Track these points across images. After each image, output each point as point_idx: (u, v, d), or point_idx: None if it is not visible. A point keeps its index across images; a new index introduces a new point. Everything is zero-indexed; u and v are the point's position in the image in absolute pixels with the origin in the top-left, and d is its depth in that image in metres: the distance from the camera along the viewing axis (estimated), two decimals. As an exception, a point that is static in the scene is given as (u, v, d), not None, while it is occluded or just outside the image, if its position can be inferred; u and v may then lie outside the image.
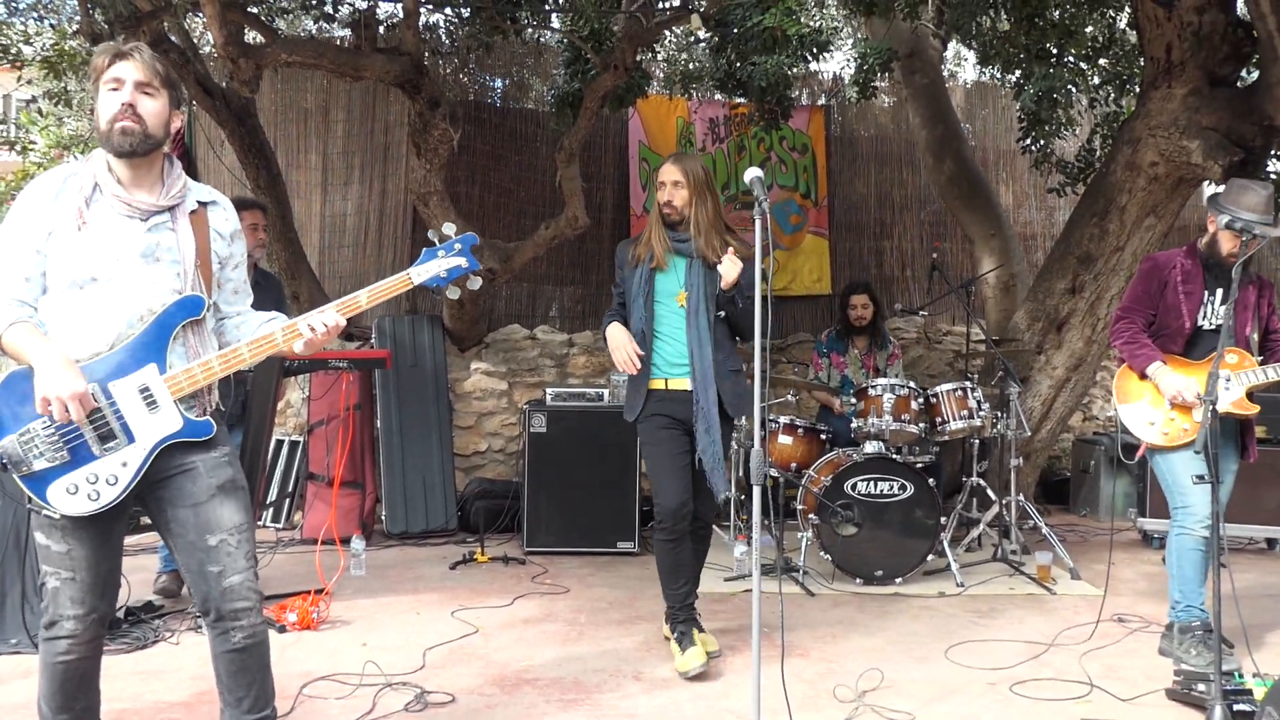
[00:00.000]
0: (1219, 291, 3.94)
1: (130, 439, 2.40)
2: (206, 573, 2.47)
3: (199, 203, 2.57)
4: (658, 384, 3.84)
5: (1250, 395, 3.88)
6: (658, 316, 3.84)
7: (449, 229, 2.76)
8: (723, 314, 3.79)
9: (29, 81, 6.83)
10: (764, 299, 2.91)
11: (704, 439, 3.74)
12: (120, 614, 4.06)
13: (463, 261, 2.73)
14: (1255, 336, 3.98)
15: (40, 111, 7.66)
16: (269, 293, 4.60)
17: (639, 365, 3.76)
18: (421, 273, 2.71)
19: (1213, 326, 3.94)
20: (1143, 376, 3.97)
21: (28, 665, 3.63)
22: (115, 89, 2.42)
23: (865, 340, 6.21)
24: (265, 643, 2.57)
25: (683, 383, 3.80)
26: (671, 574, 3.84)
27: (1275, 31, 4.95)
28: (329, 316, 2.57)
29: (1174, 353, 3.98)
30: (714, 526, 5.85)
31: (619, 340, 3.79)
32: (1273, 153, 5.48)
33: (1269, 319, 4.03)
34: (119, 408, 2.39)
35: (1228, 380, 3.81)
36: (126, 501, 2.45)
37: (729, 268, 3.66)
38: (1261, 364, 3.88)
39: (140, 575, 4.78)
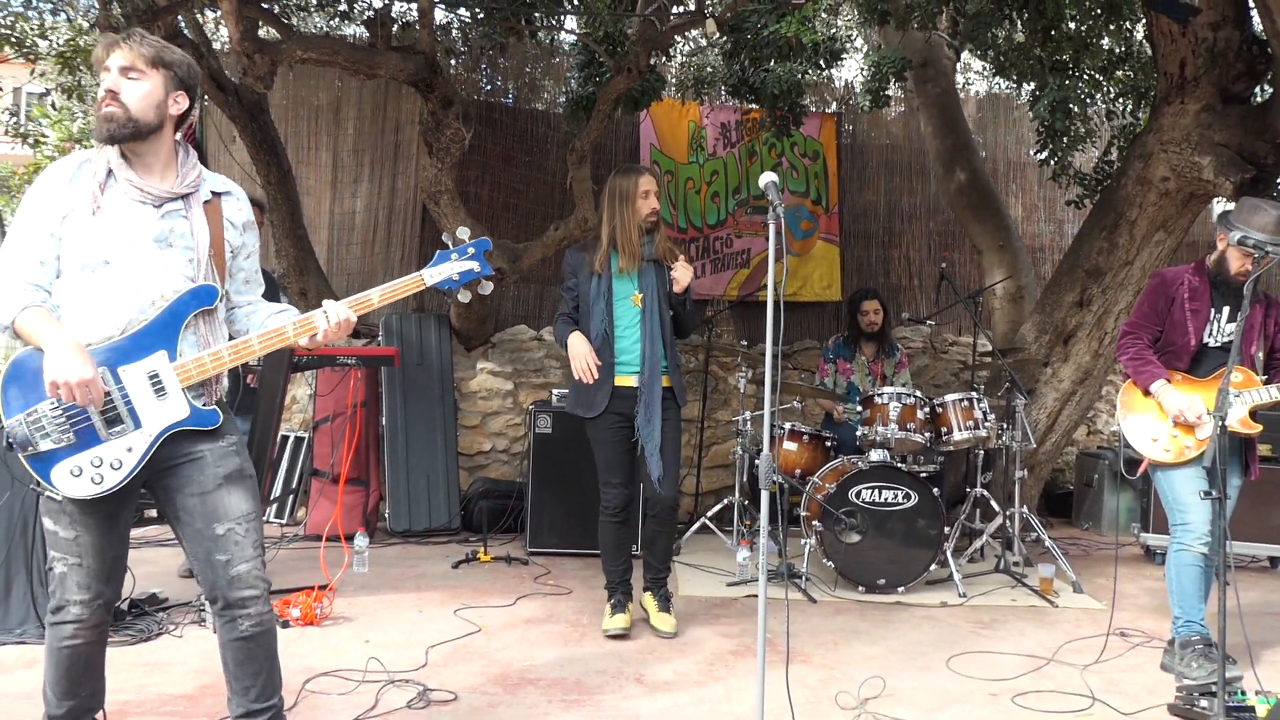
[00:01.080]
0: (1225, 309, 3.94)
1: (137, 424, 2.41)
2: (214, 561, 2.49)
3: (213, 193, 2.59)
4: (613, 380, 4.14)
5: (1253, 414, 3.88)
6: (616, 317, 4.14)
7: (463, 233, 2.80)
8: (671, 313, 4.20)
9: (42, 74, 6.85)
10: (775, 305, 2.91)
11: (645, 429, 4.07)
12: (124, 606, 4.08)
13: (475, 265, 2.78)
14: (1260, 355, 3.98)
15: (54, 105, 7.68)
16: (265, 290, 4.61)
17: (596, 375, 4.07)
18: (434, 274, 2.75)
19: (1218, 344, 3.95)
20: (1146, 393, 3.98)
21: (32, 655, 3.64)
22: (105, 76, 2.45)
23: (873, 347, 6.21)
24: (273, 631, 2.58)
25: (628, 380, 4.11)
26: (615, 553, 4.28)
27: (1289, 49, 4.95)
28: (341, 311, 2.58)
29: (1179, 369, 3.98)
30: (717, 532, 5.90)
31: (580, 351, 4.09)
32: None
33: (1275, 337, 4.03)
34: (127, 393, 2.40)
35: (1234, 398, 3.81)
36: (134, 489, 2.47)
37: (683, 273, 4.10)
38: (1266, 383, 3.88)
39: (144, 568, 4.80)
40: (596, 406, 4.10)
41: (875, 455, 5.10)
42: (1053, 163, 6.43)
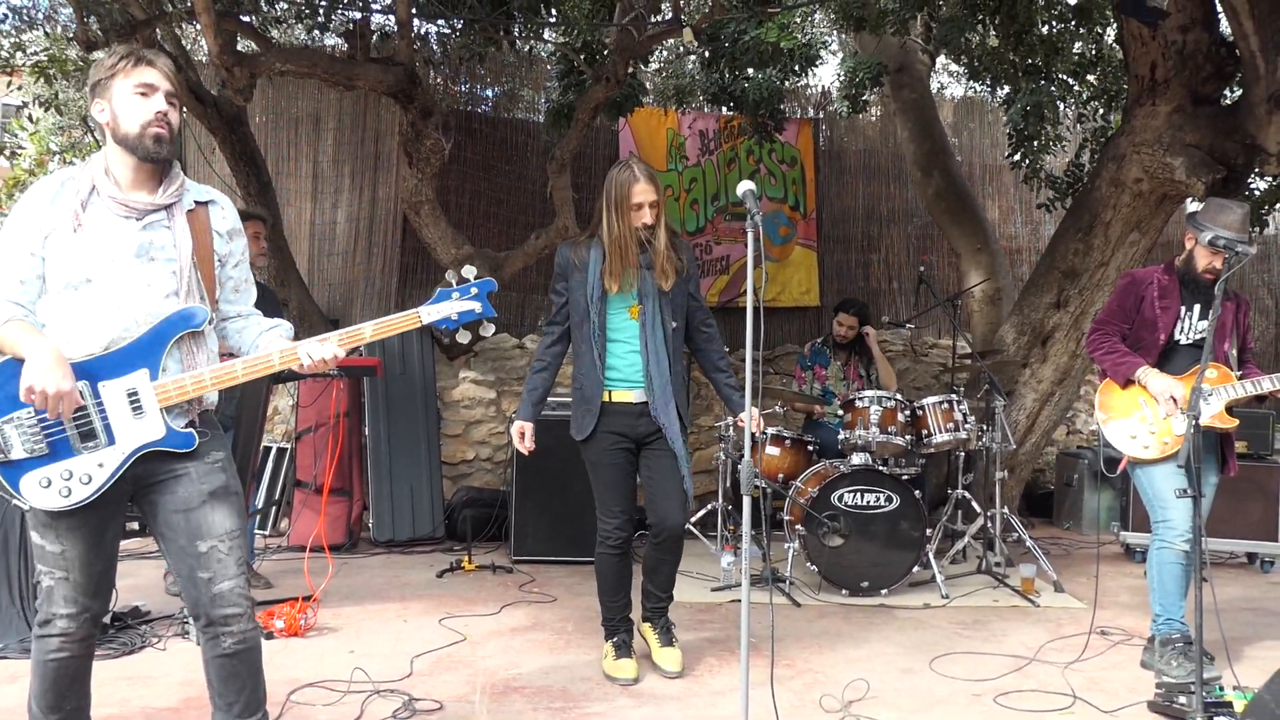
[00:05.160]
0: (1196, 307, 4.00)
1: (111, 440, 2.41)
2: (197, 578, 2.49)
3: (196, 202, 2.59)
4: (603, 396, 3.74)
5: (1230, 410, 3.92)
6: (610, 328, 3.74)
7: (469, 271, 2.72)
8: (675, 325, 3.77)
9: (19, 87, 6.83)
10: (755, 311, 2.94)
11: (682, 465, 3.74)
12: (107, 620, 4.06)
13: (477, 306, 2.68)
14: (1233, 352, 4.03)
15: (31, 118, 7.66)
16: (263, 304, 4.60)
17: (528, 449, 3.78)
18: (431, 312, 2.67)
19: (1190, 341, 4.00)
20: (1126, 384, 4.01)
21: (14, 670, 3.62)
22: (145, 95, 2.47)
23: (846, 353, 6.23)
24: (257, 648, 2.58)
25: (626, 395, 3.73)
26: (617, 586, 3.85)
27: (1258, 51, 5.02)
28: (329, 349, 2.57)
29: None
30: (701, 537, 5.92)
31: (518, 437, 3.79)
32: (1255, 171, 5.55)
33: (1245, 335, 4.09)
34: (104, 408, 2.40)
35: (1208, 395, 3.85)
36: (120, 503, 2.48)
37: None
38: (1240, 379, 3.93)
39: (127, 581, 4.77)
40: (585, 429, 3.73)
41: (857, 459, 5.13)
42: (1024, 166, 6.50)
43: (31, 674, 2.52)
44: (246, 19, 5.74)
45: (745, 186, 3.15)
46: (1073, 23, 6.42)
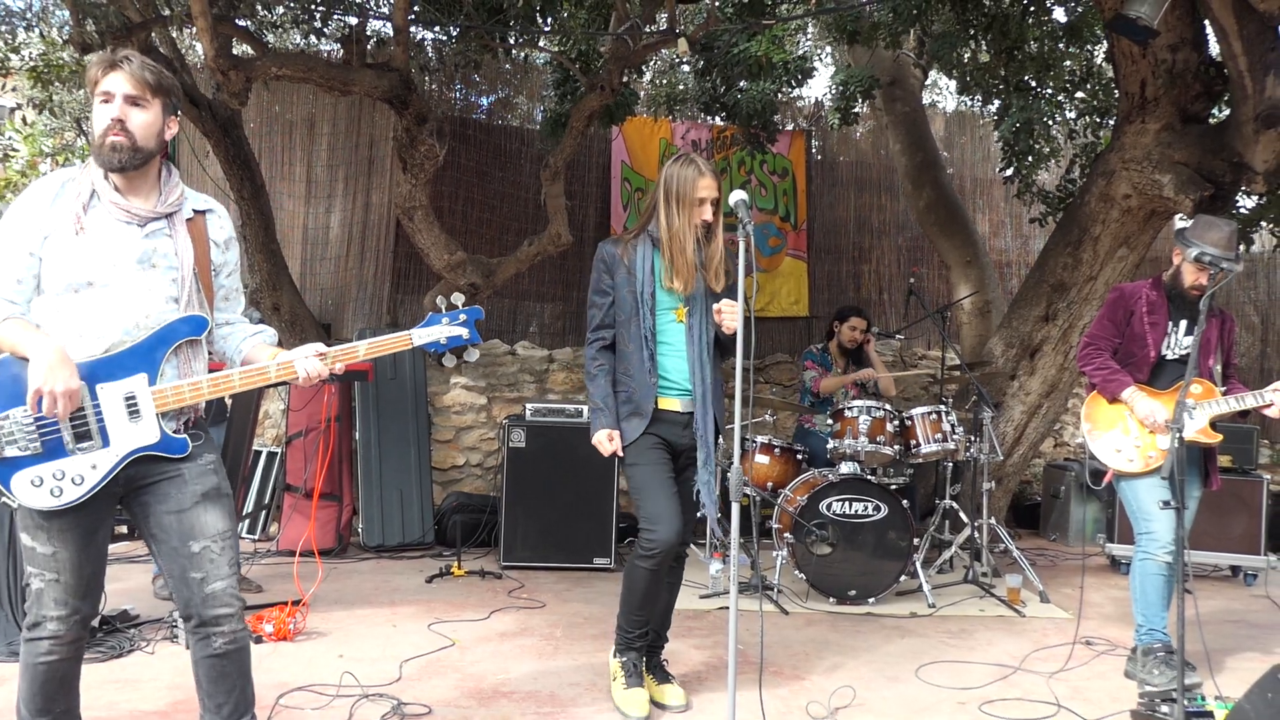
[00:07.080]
0: (1183, 323, 4.04)
1: (105, 442, 2.42)
2: (189, 579, 2.50)
3: (195, 211, 2.60)
4: (655, 403, 3.52)
5: (1213, 425, 3.97)
6: (659, 332, 3.52)
7: (457, 299, 2.88)
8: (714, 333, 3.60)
9: (14, 89, 6.84)
10: (745, 320, 2.96)
11: (702, 472, 3.50)
12: (95, 623, 4.05)
13: (464, 333, 2.83)
14: (1218, 368, 4.08)
15: (24, 120, 7.66)
16: None
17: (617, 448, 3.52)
18: (422, 335, 2.80)
19: (1176, 356, 4.04)
20: (1113, 401, 4.06)
21: (3, 673, 3.62)
22: (106, 102, 2.44)
23: (845, 360, 6.26)
24: (246, 649, 2.59)
25: (673, 403, 3.51)
26: (644, 602, 3.56)
27: (1245, 71, 5.08)
28: (322, 366, 2.63)
29: (1139, 381, 4.07)
30: (690, 544, 5.94)
31: (602, 441, 3.53)
32: (1242, 189, 5.61)
33: (1229, 351, 4.14)
34: (101, 411, 2.41)
35: (1192, 409, 3.89)
36: (110, 505, 2.49)
37: (731, 319, 3.36)
38: (1224, 394, 3.97)
39: (115, 585, 4.78)
40: (631, 434, 3.49)
41: (845, 468, 5.16)
42: (1016, 181, 6.55)
43: (20, 677, 2.52)
44: (243, 23, 5.76)
45: (738, 196, 3.17)
46: (1063, 40, 6.48)
